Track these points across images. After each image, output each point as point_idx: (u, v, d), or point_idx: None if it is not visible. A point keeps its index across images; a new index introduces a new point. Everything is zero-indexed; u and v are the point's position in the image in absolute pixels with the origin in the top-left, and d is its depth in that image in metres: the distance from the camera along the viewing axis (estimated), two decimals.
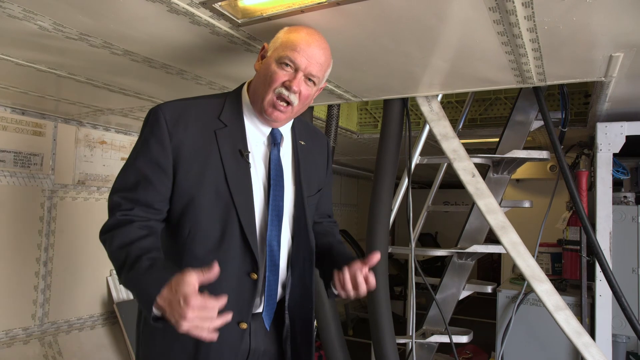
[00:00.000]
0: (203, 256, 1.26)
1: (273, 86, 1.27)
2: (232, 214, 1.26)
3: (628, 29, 1.37)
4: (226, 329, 1.24)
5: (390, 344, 2.25)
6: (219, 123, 1.31)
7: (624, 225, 2.32)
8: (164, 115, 1.26)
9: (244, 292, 1.29)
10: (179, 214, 1.28)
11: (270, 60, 1.28)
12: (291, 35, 1.28)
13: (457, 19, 1.36)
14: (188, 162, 1.26)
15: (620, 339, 2.27)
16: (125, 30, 1.52)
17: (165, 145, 1.24)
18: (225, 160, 1.27)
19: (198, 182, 1.26)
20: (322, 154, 1.56)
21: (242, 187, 1.28)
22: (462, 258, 2.65)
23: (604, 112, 2.30)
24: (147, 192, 1.24)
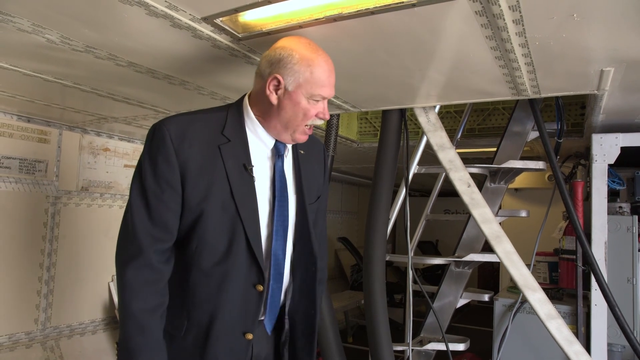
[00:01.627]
0: (209, 269, 1.29)
1: (307, 121, 1.34)
2: (239, 228, 1.29)
3: (617, 45, 1.41)
4: (233, 340, 1.32)
5: (387, 351, 2.28)
6: (223, 138, 1.32)
7: (619, 235, 2.35)
8: (169, 132, 1.27)
9: (250, 304, 1.33)
10: (186, 229, 1.31)
11: (299, 98, 1.30)
12: (315, 72, 1.29)
13: (451, 34, 1.41)
14: (194, 179, 1.28)
15: (615, 348, 2.29)
16: (130, 43, 1.57)
17: (172, 162, 1.26)
18: (231, 175, 1.30)
19: (205, 198, 1.28)
20: (319, 162, 1.60)
21: (248, 201, 1.31)
22: (459, 266, 2.68)
23: (599, 123, 2.34)
24: (162, 212, 1.27)
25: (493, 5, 1.18)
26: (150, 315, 1.26)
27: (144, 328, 1.25)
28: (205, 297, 1.30)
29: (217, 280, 1.29)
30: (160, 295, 1.28)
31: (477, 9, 1.22)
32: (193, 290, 1.31)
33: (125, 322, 1.26)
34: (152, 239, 1.27)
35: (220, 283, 1.29)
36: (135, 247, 1.27)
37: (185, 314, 1.32)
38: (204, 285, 1.30)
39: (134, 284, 1.25)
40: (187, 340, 1.32)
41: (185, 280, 1.32)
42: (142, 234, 1.26)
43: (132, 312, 1.24)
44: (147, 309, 1.25)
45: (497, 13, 1.22)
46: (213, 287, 1.29)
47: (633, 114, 2.19)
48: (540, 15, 1.24)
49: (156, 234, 1.27)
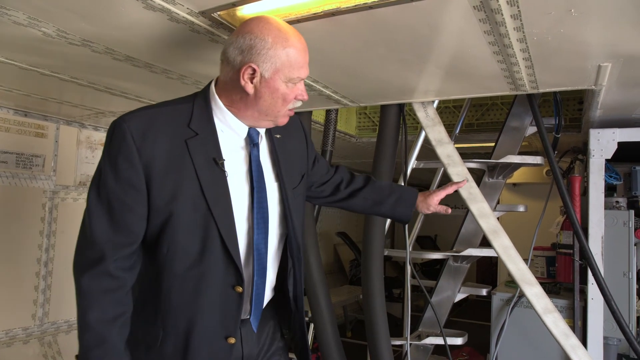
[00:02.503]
0: (183, 273, 1.22)
1: (288, 104, 1.27)
2: (212, 227, 1.21)
3: (614, 41, 1.41)
4: (215, 346, 1.25)
5: (385, 345, 2.29)
6: (189, 132, 1.23)
7: (616, 229, 2.36)
8: (129, 129, 1.18)
9: (230, 307, 1.26)
10: (155, 231, 1.22)
11: (277, 84, 1.22)
12: (291, 55, 1.21)
13: (449, 30, 1.40)
14: (161, 178, 1.19)
15: (611, 341, 2.31)
16: (127, 37, 1.56)
17: (135, 162, 1.17)
18: (200, 172, 1.21)
19: (173, 198, 1.19)
20: (299, 138, 1.53)
21: (220, 197, 1.23)
22: (457, 261, 2.69)
23: (596, 118, 2.34)
24: (125, 216, 1.19)
25: (491, 0, 1.18)
26: (109, 325, 1.18)
27: (103, 339, 1.17)
28: (180, 303, 1.23)
29: (192, 284, 1.22)
30: (120, 305, 1.20)
31: (476, 4, 1.22)
32: (167, 297, 1.23)
33: (83, 333, 1.18)
34: (113, 245, 1.18)
35: (195, 287, 1.22)
36: (93, 254, 1.19)
37: (159, 323, 1.24)
38: (179, 290, 1.22)
39: (91, 293, 1.18)
40: (165, 350, 1.24)
41: (158, 287, 1.24)
42: (101, 240, 1.18)
43: (89, 322, 1.17)
44: (106, 319, 1.17)
45: (495, 8, 1.22)
46: (188, 292, 1.22)
47: (630, 109, 2.19)
48: (538, 11, 1.24)
49: (118, 239, 1.19)
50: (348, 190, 1.71)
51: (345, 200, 1.72)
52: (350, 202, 1.73)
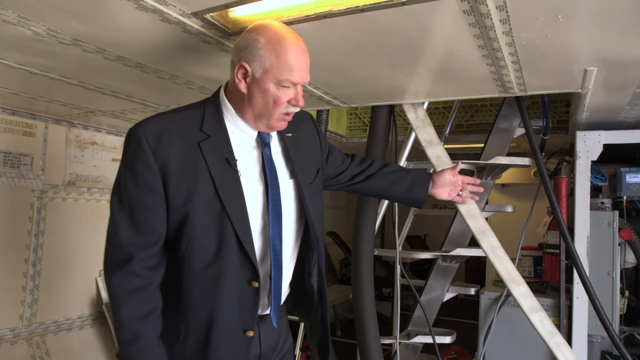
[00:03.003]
0: (202, 271, 1.28)
1: (280, 108, 1.28)
2: (227, 225, 1.26)
3: (600, 46, 1.44)
4: (234, 340, 1.31)
5: (374, 344, 2.31)
6: (202, 134, 1.28)
7: (601, 230, 2.40)
8: (145, 135, 1.24)
9: (247, 301, 1.31)
10: (174, 231, 1.28)
11: (266, 85, 1.25)
12: (281, 55, 1.22)
13: (439, 33, 1.42)
14: (176, 180, 1.25)
15: (595, 339, 2.35)
16: (119, 37, 1.56)
17: (151, 166, 1.23)
18: (214, 172, 1.26)
19: (189, 198, 1.25)
20: (311, 134, 1.57)
21: (234, 196, 1.28)
22: (446, 261, 2.72)
23: (583, 121, 2.38)
24: (147, 217, 1.25)
25: (481, 5, 1.20)
26: (141, 322, 1.25)
27: (138, 336, 1.24)
28: (200, 300, 1.29)
29: (210, 280, 1.27)
30: (150, 302, 1.27)
31: (465, 8, 1.24)
32: (187, 294, 1.29)
33: (118, 332, 1.26)
34: (137, 246, 1.25)
35: (214, 283, 1.27)
36: (119, 256, 1.25)
37: (182, 319, 1.31)
38: (198, 287, 1.28)
39: (121, 293, 1.25)
40: (187, 345, 1.31)
41: (179, 284, 1.30)
42: (126, 242, 1.25)
43: (122, 321, 1.24)
44: (137, 316, 1.24)
45: (484, 12, 1.24)
46: (207, 288, 1.28)
47: (615, 112, 2.23)
48: (526, 16, 1.26)
49: (142, 240, 1.25)
50: (364, 174, 1.77)
51: (361, 183, 1.77)
52: (367, 185, 1.78)
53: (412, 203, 1.85)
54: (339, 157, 1.73)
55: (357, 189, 1.81)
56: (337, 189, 1.79)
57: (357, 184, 1.77)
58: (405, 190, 1.80)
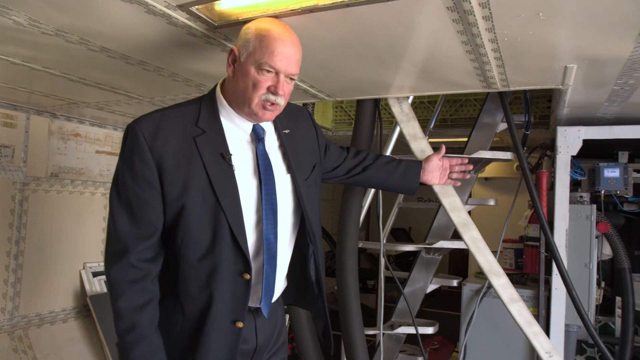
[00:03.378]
0: (197, 262, 1.32)
1: (259, 93, 1.30)
2: (221, 219, 1.30)
3: (579, 44, 1.48)
4: (224, 330, 1.34)
5: (358, 335, 2.34)
6: (197, 130, 1.32)
7: (579, 223, 2.46)
8: (141, 131, 1.28)
9: (238, 293, 1.34)
10: (170, 223, 1.32)
11: (248, 67, 1.29)
12: (264, 39, 1.27)
13: (424, 28, 1.44)
14: (172, 174, 1.29)
15: (572, 328, 2.42)
16: (102, 28, 1.54)
17: (148, 161, 1.28)
18: (209, 167, 1.30)
19: (184, 191, 1.29)
20: (309, 130, 1.61)
21: (228, 190, 1.31)
22: (429, 253, 2.76)
23: (563, 116, 2.43)
24: (144, 210, 1.29)
25: (464, 1, 1.22)
26: (137, 312, 1.29)
27: (134, 325, 1.28)
28: (196, 290, 1.32)
29: (205, 272, 1.31)
30: (147, 292, 1.31)
31: (449, 5, 1.25)
32: (184, 285, 1.33)
33: (116, 321, 1.30)
34: (134, 238, 1.29)
35: (209, 275, 1.31)
36: (118, 248, 1.30)
37: (179, 309, 1.35)
38: (194, 278, 1.32)
39: (119, 284, 1.29)
40: (182, 333, 1.35)
41: (176, 275, 1.34)
42: (124, 235, 1.29)
43: (120, 310, 1.29)
44: (134, 306, 1.28)
45: (467, 9, 1.26)
46: (202, 279, 1.32)
47: (595, 108, 2.28)
48: (508, 13, 1.29)
49: (140, 232, 1.30)
50: (360, 167, 1.85)
51: (358, 175, 1.86)
52: (363, 177, 1.87)
53: (406, 191, 1.99)
54: (335, 152, 1.80)
55: (354, 181, 1.90)
56: (335, 182, 1.87)
57: (354, 176, 1.86)
58: (399, 180, 1.91)
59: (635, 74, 1.71)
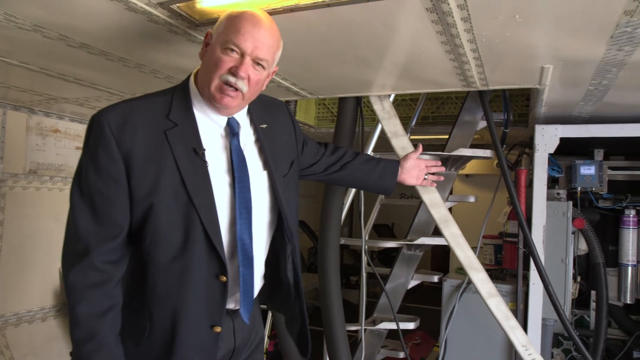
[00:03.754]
0: (167, 264, 1.23)
1: (219, 72, 1.21)
2: (194, 217, 1.22)
3: (555, 45, 1.51)
4: (201, 335, 1.27)
5: (340, 331, 2.36)
6: (169, 123, 1.24)
7: (556, 219, 2.52)
8: (108, 123, 1.19)
9: (214, 296, 1.27)
10: (137, 223, 1.24)
11: (215, 47, 1.22)
12: (235, 19, 1.21)
13: (404, 29, 1.46)
14: (140, 170, 1.20)
15: (548, 322, 2.48)
16: (82, 24, 1.52)
17: (114, 156, 1.19)
18: (180, 162, 1.22)
19: (153, 189, 1.20)
20: (286, 125, 1.54)
21: (201, 187, 1.24)
22: (411, 249, 2.80)
23: (541, 115, 2.48)
24: (108, 209, 1.21)
25: (443, 3, 1.24)
26: (98, 319, 1.19)
27: (93, 334, 1.18)
28: (166, 295, 1.24)
29: (176, 274, 1.23)
30: (109, 298, 1.22)
31: (428, 6, 1.27)
32: (152, 288, 1.25)
33: (73, 328, 1.20)
34: (98, 239, 1.20)
35: (180, 277, 1.23)
36: (79, 249, 1.20)
37: (146, 315, 1.26)
38: (163, 281, 1.24)
39: (78, 288, 1.19)
40: (152, 341, 1.26)
41: (144, 278, 1.25)
42: (86, 235, 1.20)
43: (79, 317, 1.18)
44: (94, 313, 1.19)
45: (446, 11, 1.29)
46: (173, 282, 1.23)
47: (571, 107, 2.34)
48: (485, 15, 1.31)
49: (103, 232, 1.21)
50: (338, 164, 1.79)
51: (336, 174, 1.80)
52: (341, 176, 1.81)
53: (382, 191, 1.96)
54: (313, 147, 1.73)
55: (331, 179, 1.85)
56: (312, 179, 1.80)
57: (331, 174, 1.79)
58: (376, 180, 1.87)
59: (608, 75, 1.75)
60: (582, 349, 2.17)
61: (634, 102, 2.17)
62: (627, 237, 2.77)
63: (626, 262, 2.78)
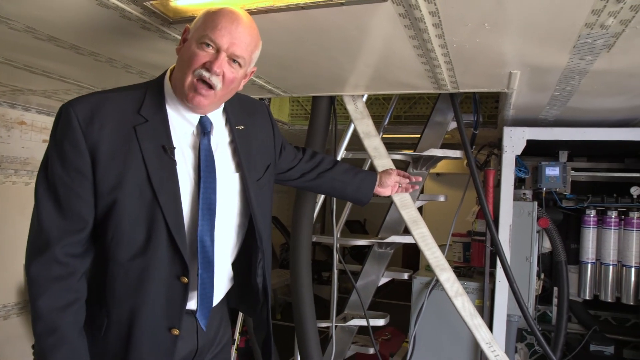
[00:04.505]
0: (128, 262, 1.21)
1: (193, 67, 1.18)
2: (158, 216, 1.20)
3: (522, 52, 1.57)
4: (158, 337, 1.24)
5: (311, 328, 2.38)
6: (139, 118, 1.21)
7: (522, 219, 2.60)
8: (75, 114, 1.17)
9: (174, 297, 1.25)
10: (100, 218, 1.21)
11: (191, 42, 1.20)
12: (213, 14, 1.19)
13: (377, 32, 1.49)
14: (106, 164, 1.18)
15: (513, 318, 2.56)
16: (51, 18, 1.49)
17: (81, 147, 1.16)
18: (148, 159, 1.19)
19: (118, 185, 1.18)
20: (265, 128, 1.51)
21: (167, 185, 1.21)
22: (382, 247, 2.84)
23: (509, 117, 2.56)
24: (73, 201, 1.18)
25: (415, 9, 1.27)
26: (60, 313, 1.17)
27: (55, 327, 1.16)
28: (124, 293, 1.22)
29: (136, 273, 1.21)
30: (72, 291, 1.19)
31: (401, 12, 1.30)
32: (111, 285, 1.22)
33: (35, 322, 1.18)
34: (61, 232, 1.18)
35: (140, 276, 1.21)
36: (42, 241, 1.18)
37: (104, 311, 1.24)
38: (123, 279, 1.22)
39: (40, 281, 1.17)
40: (108, 339, 1.24)
41: (103, 275, 1.23)
42: (50, 227, 1.18)
43: (40, 311, 1.17)
44: (57, 306, 1.17)
45: (418, 17, 1.31)
46: (132, 280, 1.21)
47: (538, 111, 2.42)
48: (456, 22, 1.35)
49: (67, 225, 1.18)
50: (315, 172, 1.76)
51: (312, 182, 1.77)
52: (317, 184, 1.78)
53: (358, 202, 1.92)
54: (291, 152, 1.71)
55: (307, 186, 1.82)
56: (287, 185, 1.77)
57: (308, 181, 1.76)
58: (353, 192, 1.85)
59: (572, 82, 1.82)
60: (543, 344, 2.26)
61: (595, 107, 2.26)
62: (587, 236, 2.89)
63: (586, 260, 2.91)
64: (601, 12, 1.19)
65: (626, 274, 2.81)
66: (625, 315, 3.07)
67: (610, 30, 1.30)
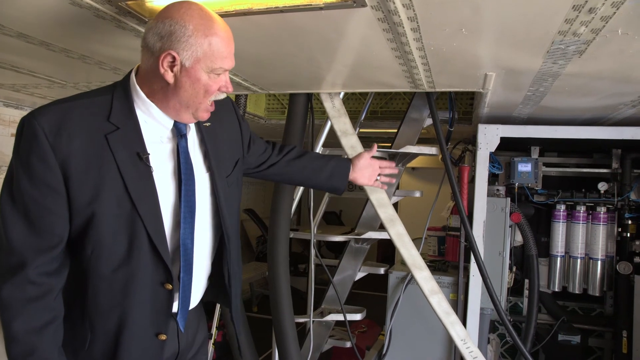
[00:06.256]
0: (110, 275, 1.19)
1: (209, 95, 1.22)
2: (138, 225, 1.17)
3: (497, 56, 1.60)
4: (145, 343, 1.24)
5: (289, 321, 2.39)
6: (110, 126, 1.16)
7: (495, 215, 2.67)
8: (41, 126, 1.10)
9: (159, 304, 1.25)
10: (77, 233, 1.18)
11: (198, 74, 1.17)
12: (214, 43, 1.16)
13: (355, 35, 1.49)
14: (80, 177, 1.13)
15: (486, 311, 2.64)
16: (20, 15, 1.44)
17: (50, 162, 1.11)
18: (123, 168, 1.16)
19: (95, 197, 1.14)
20: (232, 122, 1.50)
21: (146, 194, 1.19)
22: (358, 242, 2.87)
23: (484, 115, 2.61)
24: (45, 218, 1.13)
25: (394, 15, 1.28)
26: (37, 334, 1.13)
27: (33, 349, 1.13)
28: (109, 305, 1.20)
29: (120, 284, 1.19)
30: (49, 311, 1.16)
31: (380, 17, 1.31)
32: (94, 298, 1.20)
33: (10, 346, 1.13)
34: (33, 251, 1.13)
35: (124, 287, 1.19)
36: (13, 262, 1.12)
37: (87, 326, 1.21)
38: (106, 291, 1.19)
39: (14, 303, 1.12)
40: (93, 351, 1.22)
41: (84, 289, 1.20)
42: (20, 246, 1.12)
43: (16, 334, 1.12)
44: (33, 328, 1.13)
45: (397, 21, 1.32)
46: (117, 292, 1.19)
47: (511, 109, 2.47)
48: (434, 26, 1.36)
49: (40, 244, 1.14)
50: (285, 163, 1.74)
51: (283, 172, 1.75)
52: (288, 172, 1.75)
53: (333, 191, 1.89)
54: (260, 146, 1.69)
55: (279, 178, 1.80)
56: (259, 177, 1.76)
57: (278, 173, 1.75)
58: (326, 179, 1.81)
59: (545, 84, 1.87)
60: (514, 336, 2.33)
61: (565, 107, 2.33)
62: (557, 230, 2.99)
63: (556, 253, 3.01)
64: (574, 21, 1.22)
65: (592, 266, 2.93)
66: (591, 305, 3.20)
67: (582, 38, 1.34)
